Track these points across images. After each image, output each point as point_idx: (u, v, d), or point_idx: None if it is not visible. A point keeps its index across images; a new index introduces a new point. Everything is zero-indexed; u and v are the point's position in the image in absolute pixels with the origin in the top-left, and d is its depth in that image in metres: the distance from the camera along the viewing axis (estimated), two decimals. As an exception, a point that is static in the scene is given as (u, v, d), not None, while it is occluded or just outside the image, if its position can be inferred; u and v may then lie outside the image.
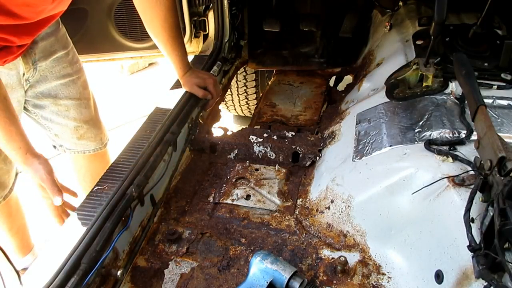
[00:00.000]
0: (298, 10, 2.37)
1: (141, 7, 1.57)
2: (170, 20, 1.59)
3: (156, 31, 1.61)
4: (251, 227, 1.39)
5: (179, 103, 1.71)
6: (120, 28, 2.22)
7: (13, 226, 1.99)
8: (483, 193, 0.97)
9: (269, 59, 2.51)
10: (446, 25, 1.65)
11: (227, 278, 1.21)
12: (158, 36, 1.63)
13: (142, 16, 1.59)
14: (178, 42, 1.67)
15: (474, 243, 0.89)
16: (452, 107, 1.39)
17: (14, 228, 2.00)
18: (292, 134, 1.73)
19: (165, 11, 1.56)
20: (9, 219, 1.95)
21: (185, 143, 1.71)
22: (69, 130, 1.82)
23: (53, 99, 1.73)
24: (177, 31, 1.65)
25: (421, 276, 1.10)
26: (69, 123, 1.80)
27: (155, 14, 1.56)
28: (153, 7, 1.55)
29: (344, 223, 1.32)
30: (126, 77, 4.47)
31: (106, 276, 1.14)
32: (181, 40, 1.70)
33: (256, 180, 1.56)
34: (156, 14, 1.56)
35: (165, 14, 1.56)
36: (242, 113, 3.17)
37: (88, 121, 1.86)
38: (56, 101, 1.73)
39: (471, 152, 1.14)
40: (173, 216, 1.45)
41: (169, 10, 1.57)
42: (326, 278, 1.19)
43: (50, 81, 1.69)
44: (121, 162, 1.43)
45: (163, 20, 1.57)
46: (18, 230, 2.03)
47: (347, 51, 2.41)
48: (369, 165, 1.33)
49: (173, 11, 1.60)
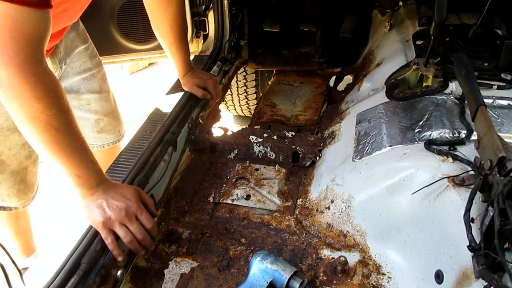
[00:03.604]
0: (298, 10, 2.36)
1: (151, 9, 1.58)
2: (179, 22, 1.60)
3: (163, 32, 1.62)
4: (251, 227, 1.39)
5: (179, 103, 1.71)
6: (123, 30, 2.22)
7: (19, 229, 1.99)
8: (483, 193, 0.97)
9: (269, 59, 2.51)
10: (446, 25, 1.65)
11: (227, 278, 1.21)
12: (165, 37, 1.64)
13: (151, 17, 1.60)
14: (184, 44, 1.68)
15: (474, 243, 0.89)
16: (452, 107, 1.39)
17: (20, 230, 2.00)
18: (292, 134, 1.73)
19: (175, 14, 1.57)
20: (16, 222, 1.95)
21: (185, 143, 1.71)
22: (90, 124, 1.83)
23: (75, 94, 1.74)
24: (184, 33, 1.66)
25: (421, 276, 1.10)
26: (90, 116, 1.81)
27: (165, 16, 1.57)
28: (164, 9, 1.55)
29: (344, 223, 1.32)
30: (126, 77, 4.47)
31: (106, 276, 1.14)
32: (186, 42, 1.71)
33: (256, 180, 1.56)
34: (165, 16, 1.57)
35: (174, 16, 1.57)
36: (242, 113, 3.17)
37: (109, 113, 1.88)
38: (78, 96, 1.75)
39: (471, 152, 1.14)
40: (173, 216, 1.45)
41: (179, 12, 1.58)
42: (326, 278, 1.19)
43: (72, 76, 1.69)
44: (121, 162, 1.44)
45: (172, 22, 1.58)
46: (23, 233, 2.03)
47: (347, 51, 2.41)
48: (369, 165, 1.33)
49: (182, 14, 1.61)
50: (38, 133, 1.00)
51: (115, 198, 1.10)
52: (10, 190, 1.64)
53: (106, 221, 1.08)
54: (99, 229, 1.09)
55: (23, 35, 0.93)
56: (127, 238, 1.11)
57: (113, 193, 1.11)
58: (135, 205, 1.12)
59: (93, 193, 1.09)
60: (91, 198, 1.09)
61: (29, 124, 0.99)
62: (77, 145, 1.06)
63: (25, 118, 0.98)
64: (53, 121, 1.00)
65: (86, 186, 1.08)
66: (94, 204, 1.08)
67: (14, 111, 0.99)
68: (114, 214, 1.08)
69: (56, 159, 1.03)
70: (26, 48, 0.94)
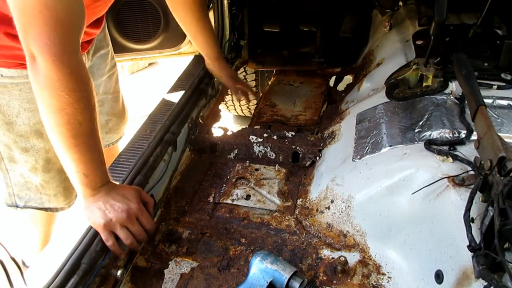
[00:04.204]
0: (298, 10, 2.36)
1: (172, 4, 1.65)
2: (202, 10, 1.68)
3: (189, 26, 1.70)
4: (251, 227, 1.39)
5: (179, 103, 1.71)
6: (122, 30, 2.22)
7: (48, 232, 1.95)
8: (483, 193, 0.97)
9: (269, 59, 2.51)
10: (446, 25, 1.65)
11: (227, 278, 1.21)
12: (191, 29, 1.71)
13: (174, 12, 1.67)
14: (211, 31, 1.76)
15: (474, 243, 0.89)
16: (452, 107, 1.39)
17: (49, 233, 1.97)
18: (292, 134, 1.73)
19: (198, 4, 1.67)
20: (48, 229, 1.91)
21: (185, 143, 1.71)
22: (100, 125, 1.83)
23: None
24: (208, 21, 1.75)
25: (421, 276, 1.10)
26: (102, 117, 1.80)
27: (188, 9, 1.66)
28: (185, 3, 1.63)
29: (344, 223, 1.32)
30: (126, 77, 4.46)
31: (106, 276, 1.14)
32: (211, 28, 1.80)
33: (256, 180, 1.56)
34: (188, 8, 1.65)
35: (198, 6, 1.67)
36: (242, 113, 3.17)
37: (117, 113, 1.88)
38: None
39: (471, 152, 1.14)
40: (173, 216, 1.45)
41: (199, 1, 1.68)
42: (326, 278, 1.19)
43: (97, 78, 1.69)
44: (121, 162, 1.43)
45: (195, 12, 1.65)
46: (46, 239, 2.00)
47: (347, 51, 2.41)
48: (369, 165, 1.33)
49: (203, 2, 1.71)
50: (61, 125, 0.99)
51: (116, 199, 1.10)
52: (57, 189, 1.61)
53: (107, 223, 1.08)
54: (100, 230, 1.09)
55: (59, 23, 0.93)
56: (128, 240, 1.11)
57: (115, 194, 1.11)
58: (136, 206, 1.12)
59: (95, 194, 1.09)
60: (92, 199, 1.09)
61: (55, 115, 0.98)
62: (92, 143, 1.06)
63: (52, 108, 0.98)
64: (78, 115, 0.99)
65: (90, 186, 1.08)
66: (95, 205, 1.08)
67: (43, 99, 0.98)
68: (115, 216, 1.08)
69: (70, 154, 1.02)
70: (63, 37, 0.94)
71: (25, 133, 1.45)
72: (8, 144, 1.47)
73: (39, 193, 1.59)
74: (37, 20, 0.91)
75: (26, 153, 1.49)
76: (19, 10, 0.91)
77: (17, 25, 0.93)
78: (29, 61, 0.95)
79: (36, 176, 1.55)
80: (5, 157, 1.50)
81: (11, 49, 1.24)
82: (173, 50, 2.32)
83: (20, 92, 1.36)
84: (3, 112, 1.39)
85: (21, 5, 0.91)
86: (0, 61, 1.30)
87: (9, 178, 1.55)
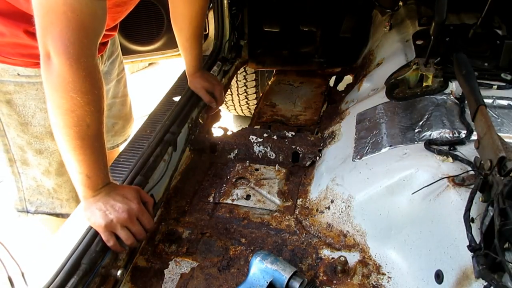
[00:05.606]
0: (298, 10, 2.36)
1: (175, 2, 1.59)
2: (199, 20, 1.62)
3: (181, 26, 1.63)
4: (251, 227, 1.39)
5: (179, 103, 1.71)
6: (125, 32, 2.21)
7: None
8: (483, 193, 0.97)
9: (269, 59, 2.51)
10: (446, 25, 1.65)
11: (227, 278, 1.21)
12: (182, 32, 1.64)
13: (173, 10, 1.61)
14: (198, 42, 1.69)
15: (474, 243, 0.89)
16: (452, 107, 1.39)
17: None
18: (292, 134, 1.73)
19: (197, 12, 1.59)
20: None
21: (185, 143, 1.71)
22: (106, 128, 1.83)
23: None
24: (200, 32, 1.68)
25: (421, 276, 1.10)
26: (109, 121, 1.79)
27: (187, 12, 1.58)
28: (188, 5, 1.57)
29: (344, 223, 1.32)
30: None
31: (106, 276, 1.14)
32: (201, 41, 1.72)
33: (256, 180, 1.56)
34: (187, 12, 1.58)
35: (196, 14, 1.59)
36: (242, 113, 3.17)
37: (123, 116, 1.87)
38: None
39: (471, 152, 1.14)
40: (173, 216, 1.45)
41: (201, 10, 1.60)
42: (326, 278, 1.19)
43: (108, 83, 1.68)
44: (121, 162, 1.43)
45: (192, 19, 1.60)
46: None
47: (347, 51, 2.41)
48: (369, 165, 1.33)
49: (203, 13, 1.62)
50: (69, 126, 0.99)
51: (117, 200, 1.10)
52: (70, 194, 1.57)
53: (108, 223, 1.08)
54: (101, 231, 1.09)
55: (81, 26, 0.93)
56: (129, 240, 1.11)
57: (115, 194, 1.11)
58: (136, 206, 1.12)
59: (95, 195, 1.09)
60: (93, 200, 1.09)
61: (64, 116, 0.98)
62: (98, 146, 1.06)
63: (62, 108, 0.98)
64: (87, 117, 1.00)
65: (92, 187, 1.08)
66: (95, 206, 1.08)
67: (53, 99, 0.98)
68: (116, 217, 1.08)
69: (75, 155, 1.02)
70: (83, 40, 0.94)
71: (40, 134, 1.42)
72: (21, 145, 1.44)
73: (51, 198, 1.55)
74: (60, 20, 0.91)
75: (40, 155, 1.46)
76: (43, 9, 0.92)
77: (37, 22, 0.93)
78: (43, 59, 0.95)
79: (49, 180, 1.51)
80: (18, 160, 1.47)
81: (29, 48, 1.23)
82: (176, 51, 2.30)
83: (37, 92, 1.34)
84: (18, 113, 1.37)
85: (46, 4, 0.91)
86: (17, 60, 1.28)
87: (21, 182, 1.51)
